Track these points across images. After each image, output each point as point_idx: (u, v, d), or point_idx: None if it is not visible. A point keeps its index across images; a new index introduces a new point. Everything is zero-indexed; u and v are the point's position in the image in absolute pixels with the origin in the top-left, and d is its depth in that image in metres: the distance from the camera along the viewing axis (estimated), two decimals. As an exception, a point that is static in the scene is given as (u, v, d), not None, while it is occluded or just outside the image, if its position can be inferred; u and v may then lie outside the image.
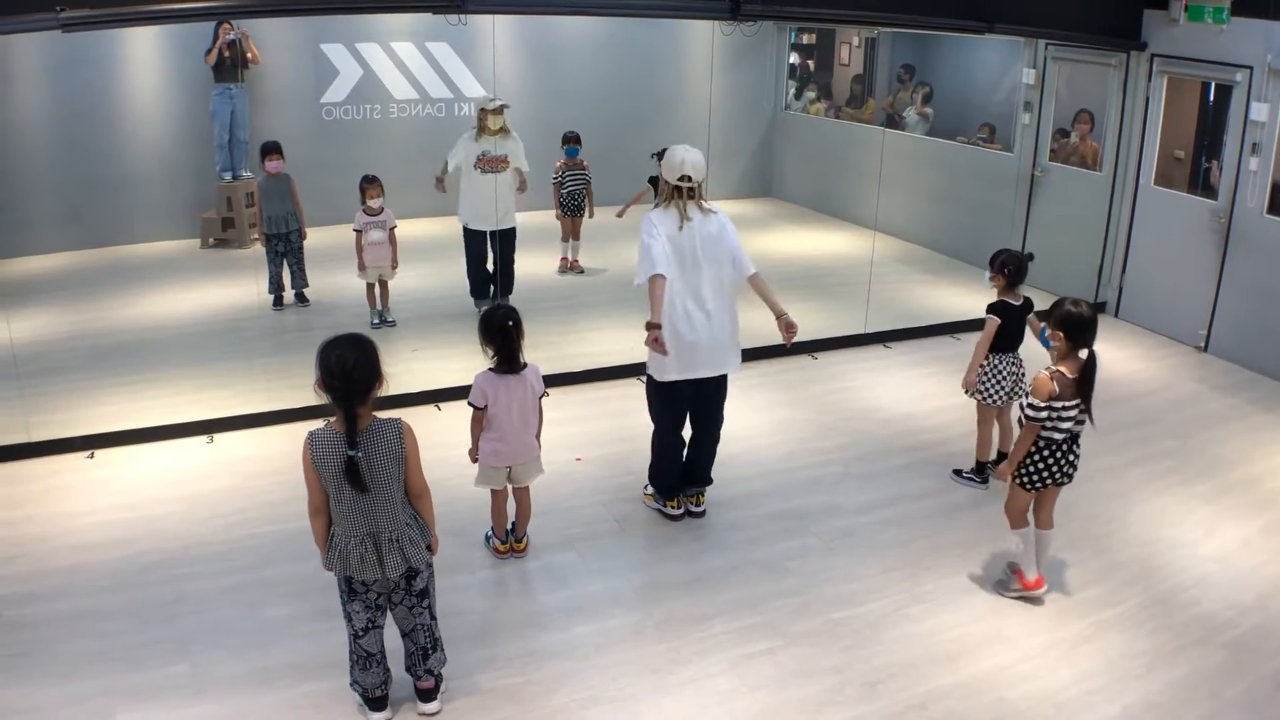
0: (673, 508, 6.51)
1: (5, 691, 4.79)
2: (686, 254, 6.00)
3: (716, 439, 6.49)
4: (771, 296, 6.09)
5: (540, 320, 9.50)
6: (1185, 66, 9.54)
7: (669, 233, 5.96)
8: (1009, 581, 5.75)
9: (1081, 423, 5.37)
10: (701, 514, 6.55)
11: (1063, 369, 5.27)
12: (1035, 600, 5.63)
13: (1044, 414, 5.26)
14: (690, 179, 6.00)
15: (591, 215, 11.33)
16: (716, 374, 6.23)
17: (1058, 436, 5.34)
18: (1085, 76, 10.81)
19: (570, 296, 10.78)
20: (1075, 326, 5.26)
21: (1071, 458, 5.47)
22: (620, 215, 10.97)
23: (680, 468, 6.50)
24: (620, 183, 11.69)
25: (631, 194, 10.95)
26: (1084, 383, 5.26)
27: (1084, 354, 5.25)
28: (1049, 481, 5.46)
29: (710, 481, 6.60)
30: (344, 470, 4.21)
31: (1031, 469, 5.44)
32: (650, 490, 6.65)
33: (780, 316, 6.01)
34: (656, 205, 6.18)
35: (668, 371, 6.13)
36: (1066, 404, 5.26)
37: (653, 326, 5.82)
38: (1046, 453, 5.39)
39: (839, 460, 7.33)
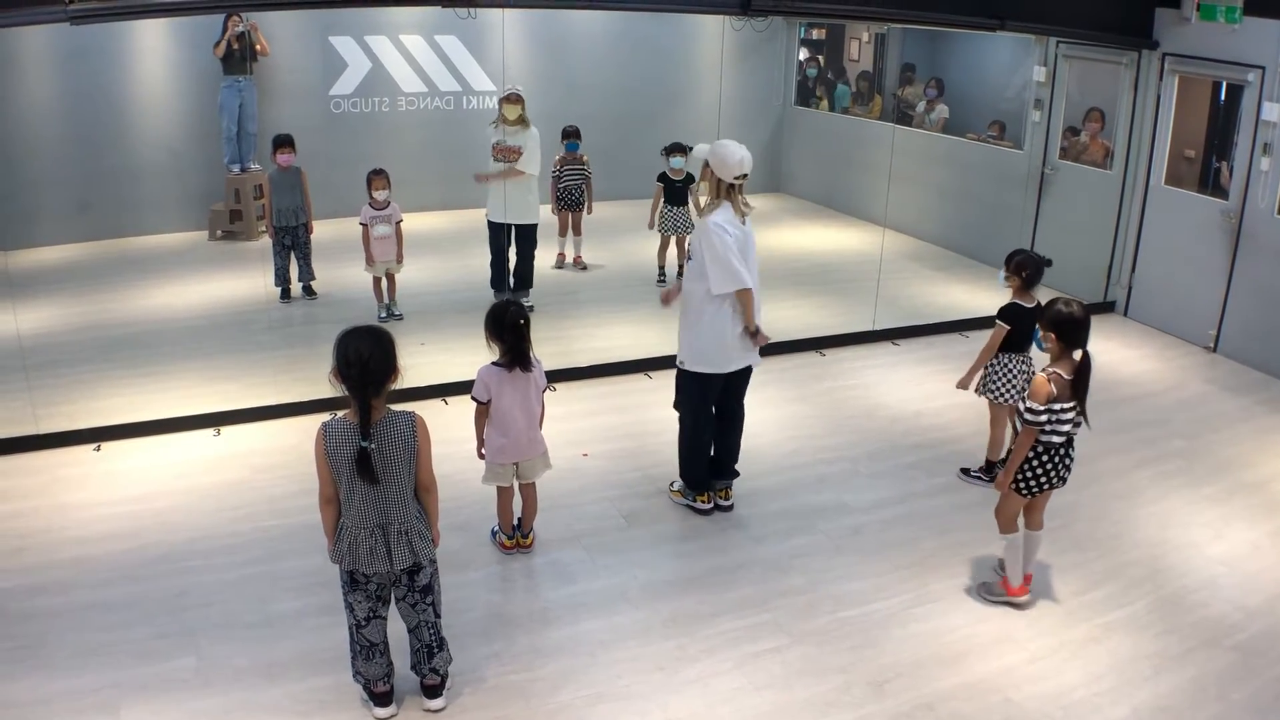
0: (703, 502, 6.51)
1: (11, 685, 4.79)
2: (747, 250, 6.06)
3: (740, 431, 6.55)
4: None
5: (545, 315, 9.51)
6: (1197, 66, 9.50)
7: (736, 232, 5.98)
8: (994, 586, 5.72)
9: (1079, 425, 5.31)
10: (730, 507, 6.58)
11: (1059, 370, 5.21)
12: (1019, 606, 5.58)
13: (1044, 417, 5.19)
14: (746, 176, 5.99)
15: (590, 212, 11.23)
16: (748, 364, 6.35)
17: (1056, 440, 5.27)
18: (1096, 75, 10.77)
19: (574, 291, 10.76)
20: (1067, 327, 5.19)
21: (1068, 460, 5.40)
22: (652, 227, 10.85)
23: (708, 462, 6.52)
24: (629, 178, 11.70)
25: (650, 198, 10.83)
26: (1078, 384, 5.19)
27: (1078, 355, 5.21)
28: (1044, 485, 5.38)
29: (737, 474, 6.63)
30: (356, 461, 4.21)
31: (1029, 473, 5.36)
32: (678, 486, 6.65)
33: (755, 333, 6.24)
34: (710, 206, 6.09)
35: (713, 365, 6.20)
36: (1065, 406, 5.19)
37: (758, 332, 6.19)
38: (1045, 457, 5.32)
39: (847, 458, 7.31)
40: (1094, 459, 7.27)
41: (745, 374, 6.39)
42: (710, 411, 6.40)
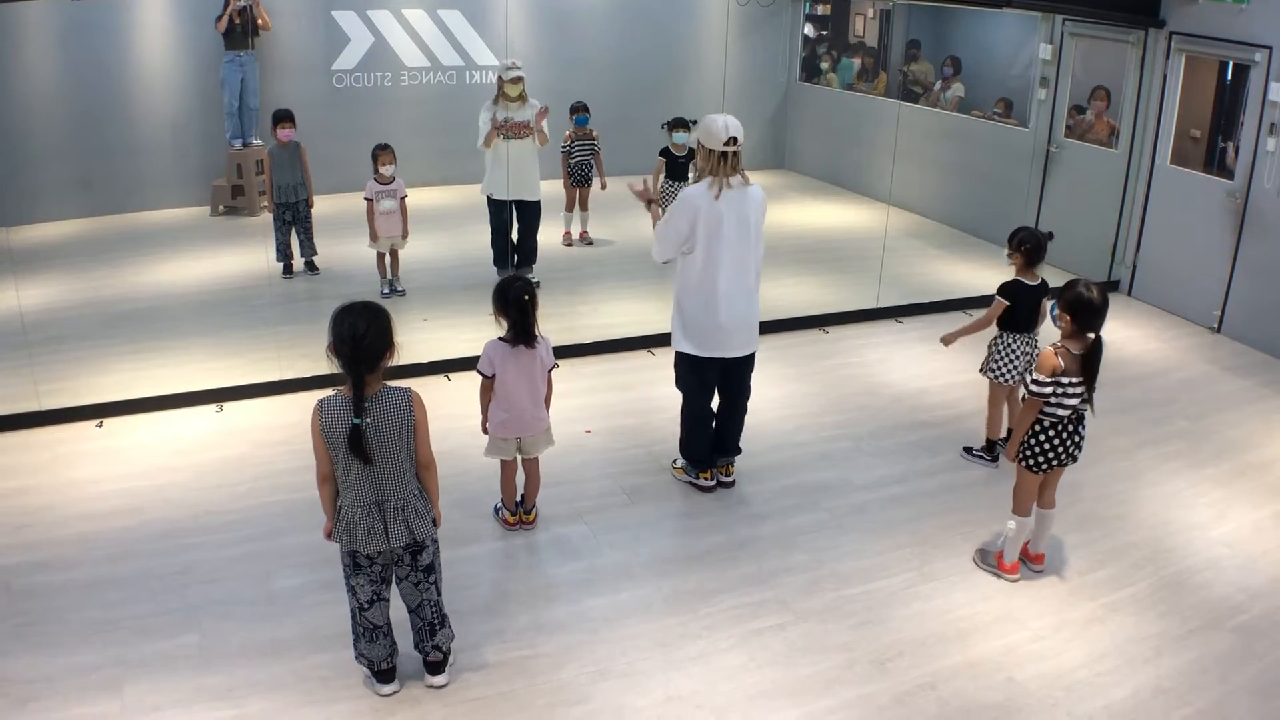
0: (705, 479, 6.50)
1: (14, 661, 4.80)
2: (727, 227, 5.91)
3: (744, 410, 6.50)
4: None
5: (550, 291, 9.49)
6: (1204, 45, 9.44)
7: (706, 206, 5.86)
8: (990, 554, 5.74)
9: (1087, 401, 5.29)
10: (732, 483, 6.57)
11: (1069, 345, 5.21)
12: (1008, 581, 5.61)
13: (1048, 389, 5.16)
14: (737, 140, 5.89)
15: (604, 187, 11.21)
16: (745, 354, 6.25)
17: (1062, 413, 5.26)
18: (1102, 53, 10.70)
19: (579, 268, 10.73)
20: (1084, 311, 5.13)
21: (1077, 438, 5.39)
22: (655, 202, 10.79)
23: (710, 439, 6.49)
24: (632, 153, 11.61)
25: (651, 171, 10.79)
26: (1088, 365, 5.17)
27: (1090, 338, 5.19)
28: (1054, 462, 5.38)
29: (739, 451, 6.60)
30: (348, 439, 4.19)
31: (1037, 449, 5.36)
32: (680, 463, 6.64)
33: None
34: (697, 178, 6.06)
35: (694, 347, 6.14)
36: (1072, 380, 5.17)
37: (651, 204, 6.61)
38: (1052, 432, 5.32)
39: (850, 436, 7.31)
40: (1098, 439, 7.25)
41: (745, 361, 6.32)
42: (706, 392, 6.36)
